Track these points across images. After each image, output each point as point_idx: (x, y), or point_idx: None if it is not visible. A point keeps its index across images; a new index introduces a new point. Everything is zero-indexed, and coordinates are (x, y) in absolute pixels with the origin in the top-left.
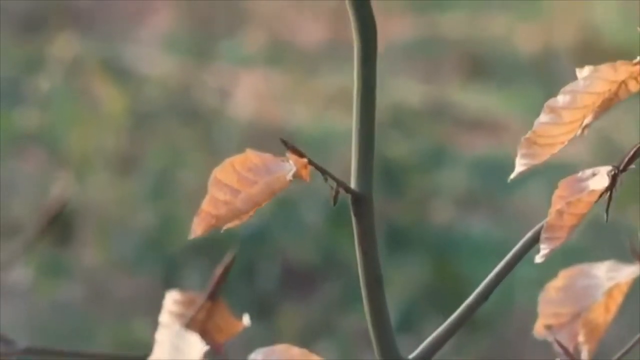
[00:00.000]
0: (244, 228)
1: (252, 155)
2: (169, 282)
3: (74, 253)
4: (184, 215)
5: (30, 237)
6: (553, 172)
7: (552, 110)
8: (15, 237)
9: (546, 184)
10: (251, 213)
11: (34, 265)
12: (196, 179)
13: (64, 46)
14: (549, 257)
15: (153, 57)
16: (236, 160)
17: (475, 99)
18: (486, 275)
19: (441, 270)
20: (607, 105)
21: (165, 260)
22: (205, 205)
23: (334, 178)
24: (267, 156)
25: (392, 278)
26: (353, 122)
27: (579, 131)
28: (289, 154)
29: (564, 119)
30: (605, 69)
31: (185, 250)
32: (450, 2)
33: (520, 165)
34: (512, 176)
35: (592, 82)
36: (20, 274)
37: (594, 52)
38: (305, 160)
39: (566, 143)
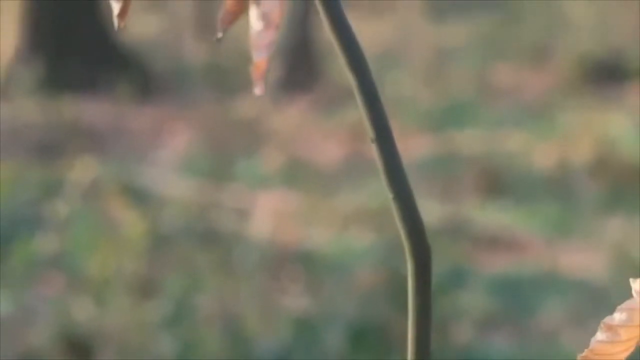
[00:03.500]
0: (265, 351)
1: None
2: None
3: None
4: (204, 341)
5: None
6: (572, 290)
7: (609, 328)
8: None
9: (565, 303)
10: None
11: None
12: (216, 303)
13: (82, 170)
14: None
15: (171, 179)
16: None
17: (493, 217)
18: None
19: None
20: None
21: None
22: None
23: None
24: None
25: None
26: (408, 355)
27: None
28: None
29: (621, 336)
30: None
31: None
32: (466, 119)
33: None
34: None
35: None
36: None
37: (610, 167)
38: None
39: None
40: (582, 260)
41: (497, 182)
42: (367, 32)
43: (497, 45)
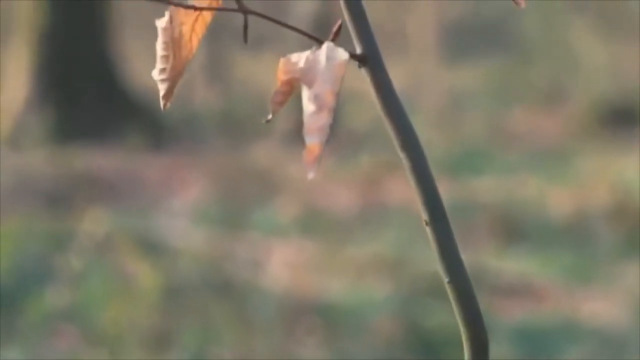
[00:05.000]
0: None
1: None
2: None
3: None
4: None
5: None
6: (591, 338)
7: None
8: None
9: (585, 351)
10: None
11: None
12: (232, 356)
13: (94, 222)
14: None
15: (185, 230)
16: None
17: (510, 264)
18: None
19: None
20: None
21: None
22: None
23: None
24: None
25: None
26: None
27: None
28: None
29: None
30: None
31: None
32: (481, 165)
33: None
34: None
35: None
36: None
37: (627, 213)
38: None
39: None
40: (601, 307)
41: (514, 229)
42: None
43: (511, 89)
